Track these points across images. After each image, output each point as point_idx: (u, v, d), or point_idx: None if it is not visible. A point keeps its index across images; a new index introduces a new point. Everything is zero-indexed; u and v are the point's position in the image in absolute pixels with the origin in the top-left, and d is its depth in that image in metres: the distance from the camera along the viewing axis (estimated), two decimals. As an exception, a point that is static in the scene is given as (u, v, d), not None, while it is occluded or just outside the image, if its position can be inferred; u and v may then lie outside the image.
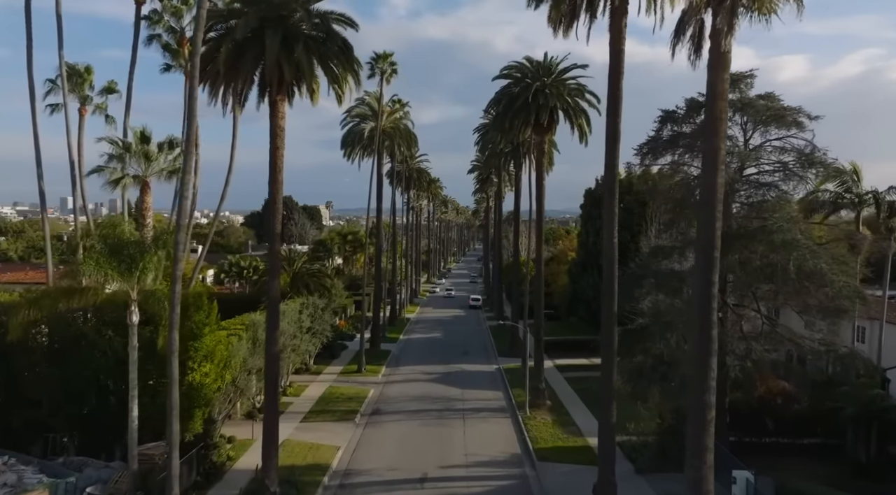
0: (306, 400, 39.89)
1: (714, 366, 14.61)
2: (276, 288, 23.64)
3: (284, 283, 51.80)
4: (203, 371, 26.86)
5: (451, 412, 38.08)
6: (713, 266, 14.03)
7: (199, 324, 26.61)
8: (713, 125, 13.94)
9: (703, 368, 14.37)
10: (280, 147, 23.15)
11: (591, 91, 38.14)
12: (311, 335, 44.90)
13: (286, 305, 43.06)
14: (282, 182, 23.54)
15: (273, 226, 23.44)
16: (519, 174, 57.74)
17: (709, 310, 14.33)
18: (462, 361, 53.60)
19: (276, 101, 22.91)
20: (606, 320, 22.25)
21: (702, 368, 14.39)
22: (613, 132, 21.95)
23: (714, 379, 14.79)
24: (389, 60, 48.60)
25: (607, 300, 22.24)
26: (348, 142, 55.27)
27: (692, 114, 28.59)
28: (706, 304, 14.29)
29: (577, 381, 45.32)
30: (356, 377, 47.02)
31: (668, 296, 26.32)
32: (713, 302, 14.23)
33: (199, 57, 16.93)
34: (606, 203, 22.47)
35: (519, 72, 38.97)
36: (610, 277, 22.16)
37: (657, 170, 30.18)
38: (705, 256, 14.11)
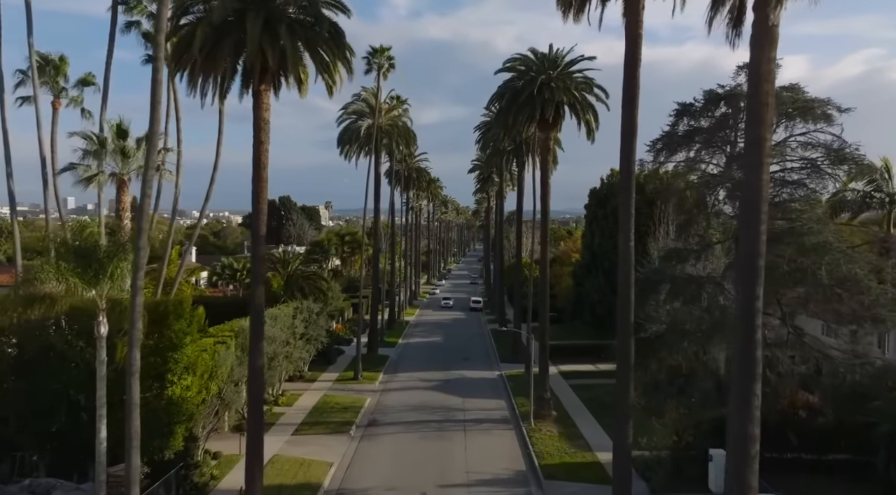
0: (299, 410, 37.91)
1: (759, 393, 12.67)
2: (260, 295, 21.67)
3: (278, 286, 49.93)
4: (184, 384, 24.89)
5: (452, 423, 36.11)
6: (757, 276, 12.08)
7: (180, 333, 24.65)
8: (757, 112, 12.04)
9: (746, 395, 12.42)
10: (265, 141, 21.19)
11: (599, 85, 36.20)
12: (305, 341, 42.93)
13: (279, 310, 41.17)
14: (266, 180, 21.56)
15: (257, 228, 21.48)
16: (522, 173, 55.75)
17: (752, 329, 12.36)
18: (462, 367, 51.62)
19: (259, 92, 20.95)
20: (622, 331, 20.26)
21: (744, 395, 12.44)
22: (630, 125, 20.00)
23: (758, 407, 12.83)
24: (387, 54, 46.62)
25: (623, 309, 20.25)
26: (345, 140, 53.30)
27: (710, 107, 26.68)
28: (749, 321, 12.31)
29: (583, 389, 43.34)
30: (352, 385, 45.04)
31: (686, 303, 24.32)
32: (757, 318, 12.30)
33: (163, 34, 14.95)
34: (622, 203, 20.49)
35: (523, 65, 36.98)
36: (626, 284, 20.17)
37: (672, 168, 28.13)
38: (748, 266, 12.15)
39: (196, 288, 60.92)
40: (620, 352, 20.51)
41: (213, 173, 28.20)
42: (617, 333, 20.76)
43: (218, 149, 27.97)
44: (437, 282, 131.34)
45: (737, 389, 12.56)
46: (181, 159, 27.71)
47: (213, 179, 28.34)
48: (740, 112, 26.56)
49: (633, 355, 20.42)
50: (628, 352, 20.25)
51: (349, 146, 52.96)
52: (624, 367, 20.34)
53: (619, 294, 20.51)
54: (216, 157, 28.15)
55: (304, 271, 53.36)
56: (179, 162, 27.72)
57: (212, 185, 28.54)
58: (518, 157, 54.86)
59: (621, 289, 20.42)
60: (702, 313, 23.86)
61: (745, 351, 12.40)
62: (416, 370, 50.68)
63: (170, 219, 32.26)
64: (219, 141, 27.73)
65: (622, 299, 20.39)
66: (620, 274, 20.42)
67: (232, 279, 62.65)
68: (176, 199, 29.29)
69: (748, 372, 12.47)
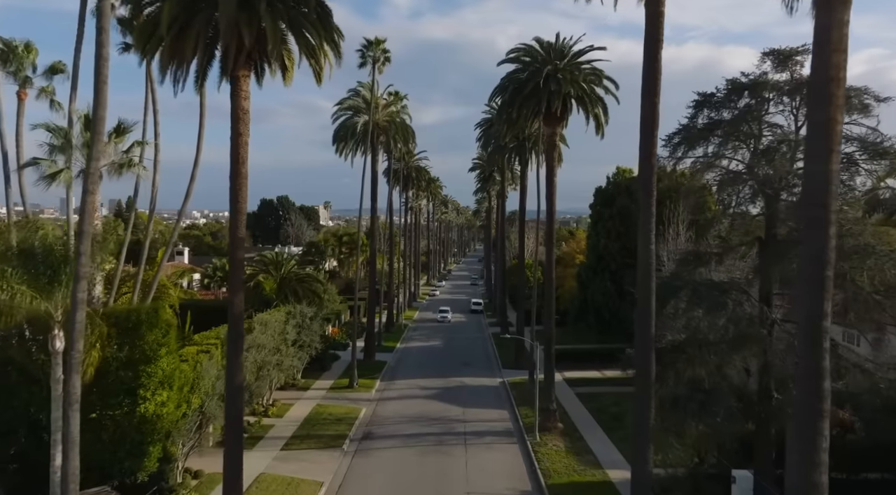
0: (290, 422, 35.74)
1: (826, 432, 10.48)
2: (238, 304, 19.54)
3: (270, 289, 47.77)
4: (159, 399, 22.75)
5: (452, 436, 33.95)
6: (825, 290, 9.92)
7: (154, 344, 22.52)
8: (824, 89, 9.94)
9: (811, 434, 10.24)
10: (243, 133, 19.07)
11: (609, 76, 34.00)
12: (297, 348, 40.82)
13: (270, 315, 39.04)
14: (246, 176, 19.43)
15: (235, 230, 19.34)
16: (525, 171, 53.54)
17: (819, 354, 10.11)
18: (463, 374, 49.47)
19: (237, 77, 18.82)
20: (642, 345, 18.12)
21: (807, 434, 10.28)
22: (650, 116, 17.88)
23: (826, 450, 10.65)
24: (382, 47, 44.38)
25: (642, 320, 18.11)
26: (340, 137, 51.11)
27: (733, 97, 24.45)
28: (815, 345, 10.10)
29: (590, 399, 41.19)
30: (347, 393, 42.89)
31: (709, 311, 22.13)
32: (825, 339, 10.11)
33: (108, 1, 12.75)
34: (643, 203, 18.36)
35: (528, 55, 34.80)
36: (645, 292, 18.03)
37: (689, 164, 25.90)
38: (813, 276, 10.01)
39: (187, 290, 58.81)
40: (639, 367, 18.39)
41: (193, 170, 26.10)
42: (635, 347, 18.63)
43: (199, 144, 25.86)
44: (437, 284, 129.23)
45: (798, 429, 10.40)
46: (159, 155, 25.63)
47: (194, 177, 26.20)
48: (765, 103, 24.42)
49: (653, 371, 18.30)
50: (648, 368, 18.12)
51: (345, 143, 50.76)
52: (643, 385, 18.20)
53: (639, 303, 18.38)
54: (197, 153, 26.05)
55: (298, 273, 51.18)
56: (157, 157, 25.63)
57: (192, 183, 26.40)
58: (521, 155, 52.69)
59: (640, 298, 18.28)
60: (726, 323, 21.68)
61: (810, 381, 10.24)
62: (414, 377, 48.52)
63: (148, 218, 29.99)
64: (199, 135, 25.62)
65: (641, 309, 18.25)
66: (640, 281, 18.28)
67: (224, 281, 60.52)
68: (153, 198, 27.10)
69: (813, 406, 10.32)
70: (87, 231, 12.44)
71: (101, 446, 21.88)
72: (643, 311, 18.13)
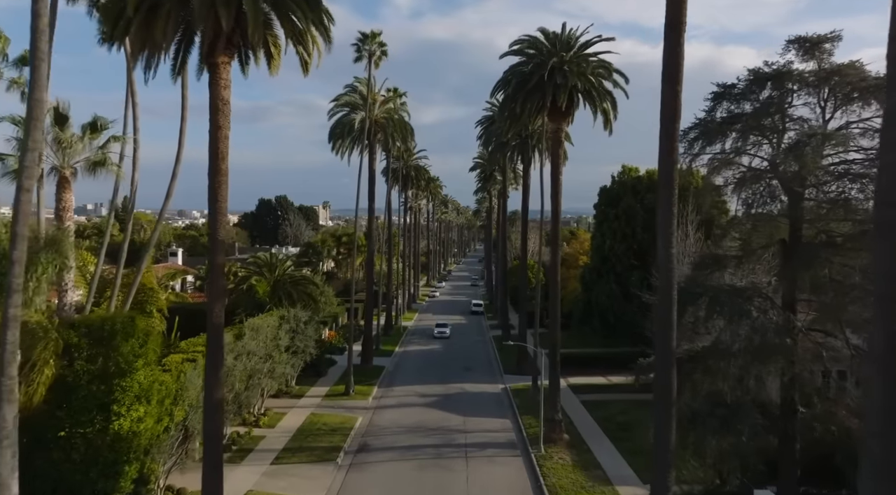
0: (282, 433, 34.01)
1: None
2: (218, 313, 17.79)
3: (264, 293, 46.05)
4: (135, 415, 21.02)
5: (452, 449, 32.22)
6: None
7: (130, 355, 20.79)
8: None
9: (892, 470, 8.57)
10: (223, 126, 17.35)
11: (618, 69, 32.21)
12: (291, 354, 39.12)
13: (262, 319, 37.36)
14: (226, 173, 17.71)
15: (215, 232, 17.61)
16: (527, 170, 51.81)
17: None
18: (463, 379, 47.74)
19: (216, 64, 17.12)
20: (662, 359, 16.38)
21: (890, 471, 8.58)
22: (672, 106, 16.14)
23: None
24: (378, 40, 42.60)
25: (662, 332, 16.38)
26: (337, 134, 49.38)
27: (755, 88, 22.74)
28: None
29: (596, 407, 39.48)
30: (343, 401, 41.15)
31: (732, 319, 20.40)
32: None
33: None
34: (662, 202, 16.61)
35: (532, 47, 33.01)
36: (666, 301, 16.29)
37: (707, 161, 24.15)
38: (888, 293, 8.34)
39: (179, 293, 57.00)
40: (659, 385, 16.64)
41: (175, 167, 24.33)
42: (655, 363, 16.87)
43: (181, 139, 24.04)
44: (437, 285, 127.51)
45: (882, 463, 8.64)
46: (138, 151, 23.86)
47: (175, 174, 24.43)
48: (790, 95, 22.72)
49: (675, 390, 16.56)
50: (669, 386, 16.37)
51: (341, 141, 49.03)
52: (664, 404, 16.47)
53: (658, 313, 16.66)
54: (178, 149, 24.23)
55: (292, 275, 49.48)
56: (136, 154, 23.86)
57: (173, 181, 24.62)
58: (523, 153, 50.95)
59: (660, 308, 16.55)
60: (750, 332, 19.95)
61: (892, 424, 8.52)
62: (413, 383, 46.79)
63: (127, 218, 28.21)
64: (181, 129, 23.78)
65: (661, 320, 16.52)
66: (660, 289, 16.56)
67: (217, 283, 58.92)
68: (132, 197, 25.32)
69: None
70: (20, 234, 10.63)
71: (72, 466, 20.19)
72: (663, 322, 16.40)
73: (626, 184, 52.49)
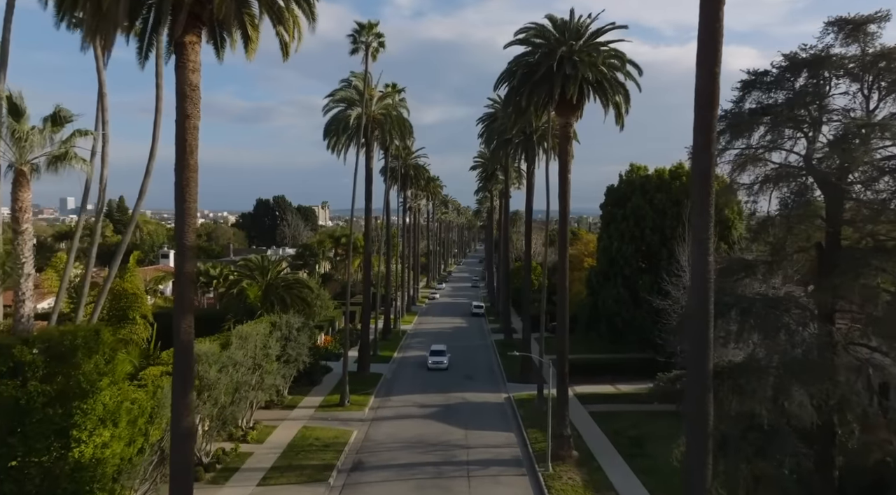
0: (271, 449, 31.79)
1: None
2: (187, 329, 15.57)
3: (255, 297, 43.85)
4: (99, 440, 18.79)
5: (453, 466, 30.00)
6: None
7: (92, 374, 18.55)
8: None
9: None
10: (192, 115, 15.14)
11: (631, 60, 29.94)
12: (282, 363, 36.89)
13: (251, 327, 35.08)
14: (196, 169, 15.49)
15: (182, 236, 15.38)
16: (531, 168, 49.54)
17: None
18: (465, 388, 45.50)
19: (183, 44, 14.94)
20: (695, 385, 14.14)
21: None
22: (709, 92, 13.93)
23: None
24: (375, 31, 40.36)
25: (698, 353, 14.14)
26: (332, 131, 47.12)
27: (789, 76, 20.53)
28: None
29: (605, 419, 37.27)
30: (338, 412, 38.92)
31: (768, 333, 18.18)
32: None
33: None
34: (698, 204, 14.36)
35: (539, 35, 30.75)
36: (702, 316, 14.06)
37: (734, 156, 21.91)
38: None
39: (168, 297, 54.88)
40: (692, 414, 14.40)
41: (148, 163, 22.11)
42: (687, 388, 14.62)
43: (154, 133, 21.80)
44: (437, 286, 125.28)
45: None
46: (107, 146, 21.60)
47: (149, 171, 22.22)
48: (828, 83, 20.51)
49: (711, 419, 14.32)
50: (705, 416, 14.14)
51: (336, 138, 46.77)
52: (698, 436, 14.23)
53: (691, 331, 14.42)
54: (152, 143, 22.03)
55: (285, 279, 47.28)
56: (105, 149, 21.60)
57: (147, 179, 22.41)
58: (527, 151, 48.72)
59: (696, 323, 14.31)
60: (789, 348, 17.74)
61: None
62: (411, 391, 44.57)
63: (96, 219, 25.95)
64: (155, 122, 21.52)
65: (696, 338, 14.29)
66: (695, 303, 14.32)
67: (207, 287, 56.50)
68: (101, 196, 23.06)
69: None
70: None
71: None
72: (698, 341, 14.17)
73: (635, 184, 50.18)
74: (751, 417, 18.55)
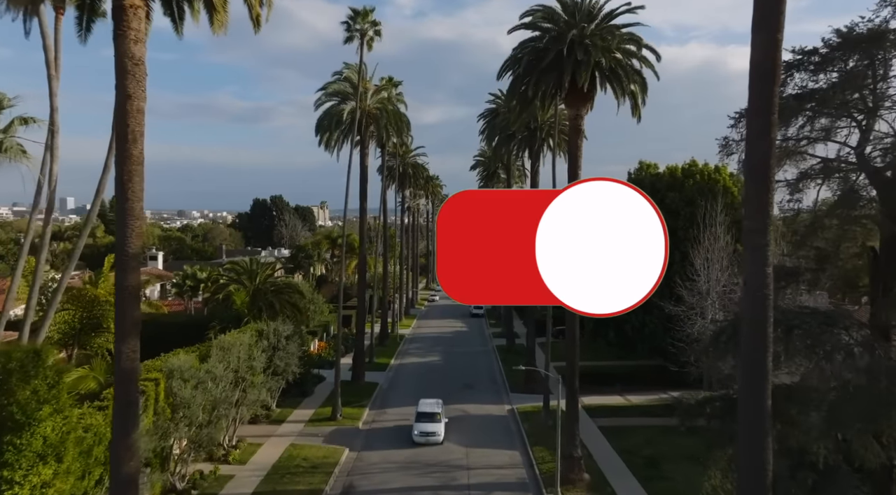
0: (254, 471, 29.13)
1: None
2: (130, 356, 12.86)
3: (242, 303, 41.14)
4: (35, 481, 16.09)
5: (452, 491, 27.40)
6: None
7: (30, 403, 15.87)
8: None
9: None
10: (134, 95, 12.49)
11: (649, 44, 27.20)
12: (269, 375, 34.19)
13: (233, 337, 32.50)
14: (141, 161, 12.80)
15: (124, 243, 12.67)
16: (536, 165, 46.79)
17: None
18: (465, 399, 42.81)
19: (123, 8, 12.23)
20: (750, 431, 11.43)
21: None
22: (768, 63, 11.22)
23: None
24: (370, 19, 37.65)
25: (753, 386, 11.44)
26: (324, 127, 44.37)
27: (841, 55, 17.80)
28: None
29: (616, 435, 34.59)
30: (329, 427, 36.24)
31: (827, 356, 15.48)
32: None
33: None
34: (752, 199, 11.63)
35: (547, 18, 28.00)
36: (760, 344, 11.37)
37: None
38: None
39: (153, 302, 52.18)
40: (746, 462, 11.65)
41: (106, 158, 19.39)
42: (740, 435, 11.86)
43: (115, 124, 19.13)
44: (437, 288, 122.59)
45: None
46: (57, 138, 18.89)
47: (108, 166, 19.56)
48: (882, 65, 17.81)
49: (770, 468, 11.59)
50: (762, 466, 11.38)
51: (329, 133, 44.04)
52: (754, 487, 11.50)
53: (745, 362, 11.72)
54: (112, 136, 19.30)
55: (274, 283, 44.62)
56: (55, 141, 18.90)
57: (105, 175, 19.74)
58: (531, 147, 46.00)
59: (751, 353, 11.61)
60: (852, 375, 15.06)
61: None
62: (409, 403, 41.61)
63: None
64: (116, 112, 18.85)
65: (750, 367, 11.59)
66: (749, 323, 11.60)
67: (194, 291, 53.74)
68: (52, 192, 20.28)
69: None
70: None
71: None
72: (753, 374, 11.46)
73: (645, 183, 47.45)
74: (800, 453, 15.85)
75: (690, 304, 38.12)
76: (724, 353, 17.31)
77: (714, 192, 42.40)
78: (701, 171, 46.21)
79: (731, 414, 18.07)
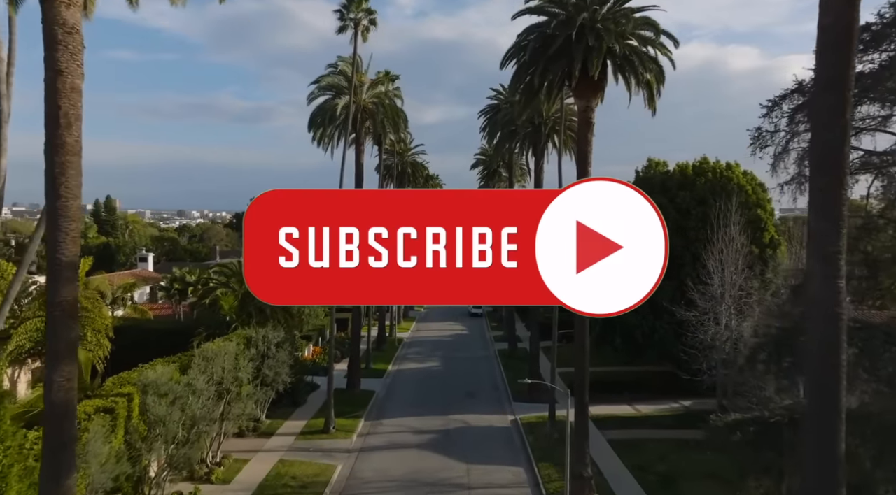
0: (238, 491, 26.99)
1: None
2: (63, 385, 10.64)
3: (230, 308, 38.95)
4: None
5: (453, 515, 25.20)
6: None
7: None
8: None
9: None
10: (66, 71, 10.37)
11: (666, 30, 25.02)
12: (256, 386, 32.03)
13: (218, 345, 30.31)
14: (76, 149, 10.65)
15: (55, 248, 10.48)
16: (540, 162, 44.61)
17: None
18: (466, 409, 40.67)
19: (51, -36, 9.96)
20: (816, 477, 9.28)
21: None
22: (844, 21, 9.02)
23: None
24: (365, 6, 35.48)
25: (823, 424, 9.28)
26: (318, 122, 42.23)
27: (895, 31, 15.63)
28: None
29: (627, 449, 32.46)
30: (321, 440, 34.08)
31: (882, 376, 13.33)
32: None
33: None
34: (819, 196, 9.46)
35: (555, 2, 25.77)
36: (830, 370, 9.22)
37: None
38: None
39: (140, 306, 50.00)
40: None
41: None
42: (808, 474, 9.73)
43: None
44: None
45: None
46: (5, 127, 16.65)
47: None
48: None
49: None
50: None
51: (323, 129, 41.89)
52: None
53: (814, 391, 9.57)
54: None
55: (266, 287, 42.32)
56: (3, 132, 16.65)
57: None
58: (536, 144, 43.83)
59: (818, 380, 9.46)
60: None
61: None
62: (406, 413, 39.65)
63: None
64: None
65: (819, 404, 9.43)
66: (816, 347, 9.45)
67: (182, 294, 51.55)
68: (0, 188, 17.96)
69: None
70: None
71: None
72: (822, 407, 9.30)
73: (654, 181, 45.32)
74: (857, 491, 13.69)
75: (703, 309, 36.05)
76: (765, 374, 15.17)
77: (727, 191, 40.35)
78: (713, 169, 44.11)
79: (767, 441, 15.97)
